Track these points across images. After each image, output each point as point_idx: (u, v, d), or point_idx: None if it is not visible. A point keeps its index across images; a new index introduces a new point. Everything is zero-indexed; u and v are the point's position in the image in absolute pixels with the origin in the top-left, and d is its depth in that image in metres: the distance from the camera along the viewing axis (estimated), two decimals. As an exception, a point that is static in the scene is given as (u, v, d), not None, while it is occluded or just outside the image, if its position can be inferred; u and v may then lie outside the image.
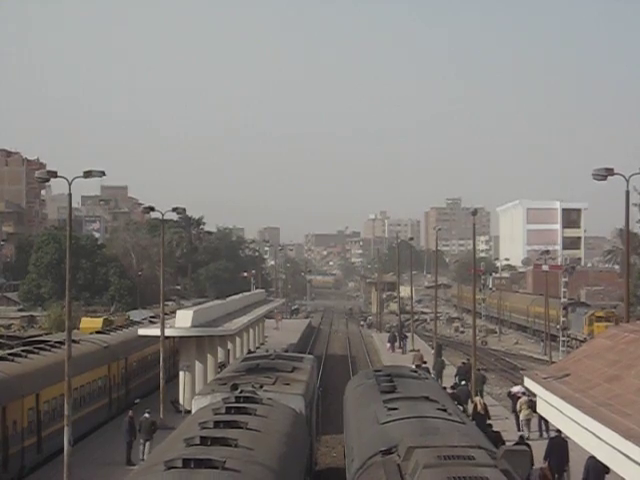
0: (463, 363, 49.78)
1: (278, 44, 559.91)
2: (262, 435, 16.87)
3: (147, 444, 30.68)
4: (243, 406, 18.94)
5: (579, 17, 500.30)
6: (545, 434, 33.92)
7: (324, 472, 29.65)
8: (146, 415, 31.71)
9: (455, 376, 45.32)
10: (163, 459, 14.07)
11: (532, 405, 34.07)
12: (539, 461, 25.92)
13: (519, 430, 34.10)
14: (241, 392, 21.40)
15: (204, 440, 15.28)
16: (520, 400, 35.66)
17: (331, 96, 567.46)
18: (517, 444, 26.91)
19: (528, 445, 26.65)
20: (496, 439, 26.70)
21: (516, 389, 38.16)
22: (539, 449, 26.96)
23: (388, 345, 71.88)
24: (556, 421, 14.96)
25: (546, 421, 33.58)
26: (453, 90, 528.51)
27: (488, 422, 32.62)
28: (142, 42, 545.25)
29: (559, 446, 25.94)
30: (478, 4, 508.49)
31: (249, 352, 46.90)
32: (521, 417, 35.05)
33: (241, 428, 16.64)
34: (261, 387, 22.97)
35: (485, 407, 35.14)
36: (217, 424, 16.90)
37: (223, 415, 17.94)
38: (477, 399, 36.33)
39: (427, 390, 21.76)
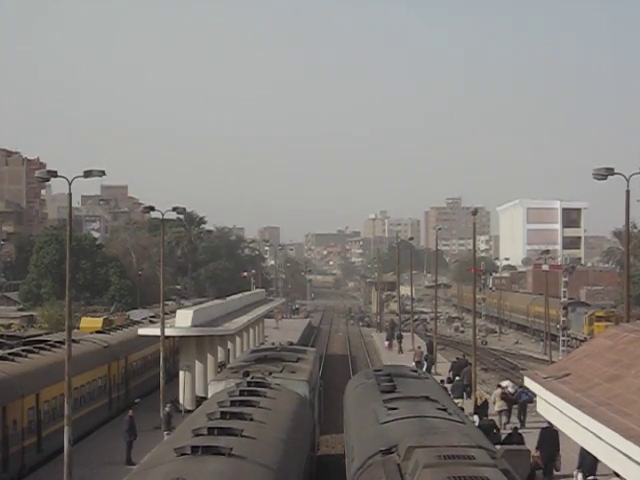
0: (457, 358, 50.30)
1: (278, 44, 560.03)
2: (272, 412, 18.93)
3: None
4: (255, 389, 21.14)
5: (579, 17, 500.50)
6: (521, 425, 34.77)
7: (325, 457, 30.54)
8: (166, 409, 34.07)
9: (449, 371, 46.52)
10: (190, 429, 16.19)
11: (505, 397, 35.34)
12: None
13: (508, 422, 35.21)
14: (252, 378, 23.69)
15: (224, 415, 17.45)
16: (495, 392, 36.94)
17: (331, 96, 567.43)
18: (510, 435, 28.40)
19: (521, 436, 28.06)
20: (491, 427, 29.44)
21: (505, 383, 38.85)
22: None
23: (386, 343, 72.14)
24: (556, 421, 14.96)
25: (524, 413, 35.31)
26: (453, 90, 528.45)
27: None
28: (142, 42, 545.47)
29: (550, 436, 27.05)
30: (478, 4, 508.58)
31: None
32: (495, 407, 36.12)
33: (254, 407, 18.68)
34: (270, 374, 25.32)
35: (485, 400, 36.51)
36: (233, 403, 18.95)
37: (237, 397, 19.93)
38: (478, 393, 37.60)
39: (427, 390, 21.78)
